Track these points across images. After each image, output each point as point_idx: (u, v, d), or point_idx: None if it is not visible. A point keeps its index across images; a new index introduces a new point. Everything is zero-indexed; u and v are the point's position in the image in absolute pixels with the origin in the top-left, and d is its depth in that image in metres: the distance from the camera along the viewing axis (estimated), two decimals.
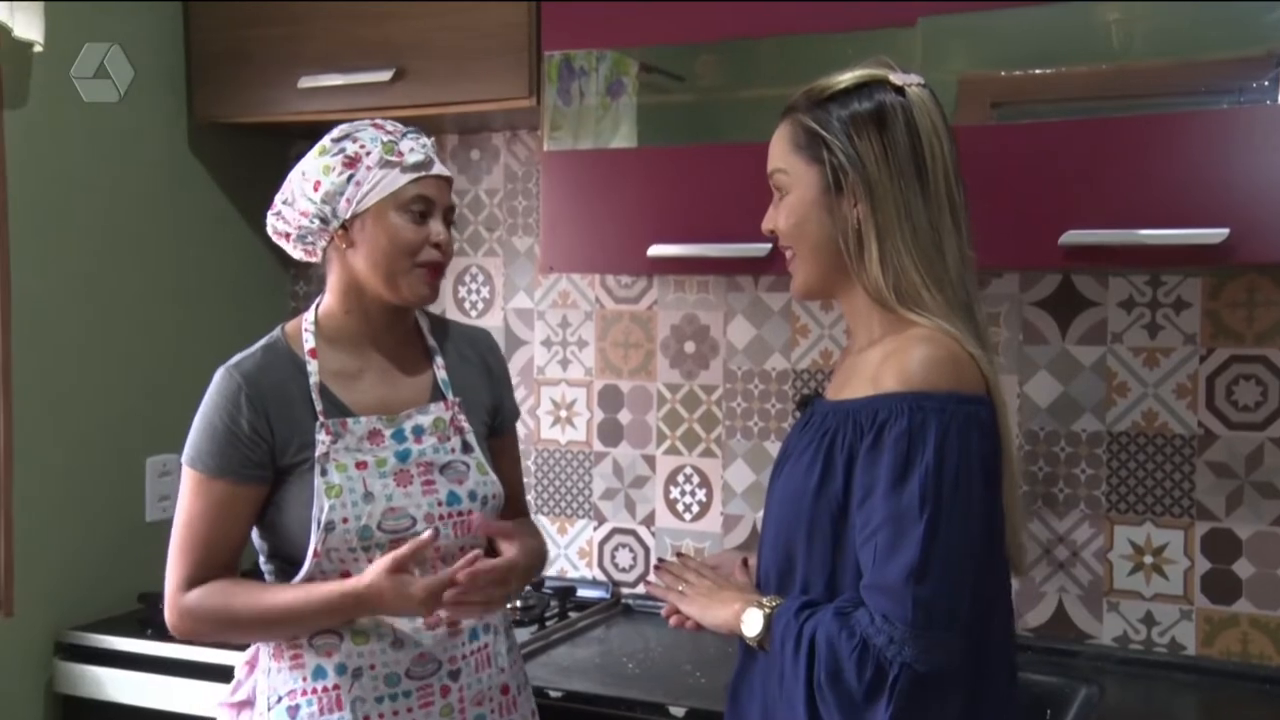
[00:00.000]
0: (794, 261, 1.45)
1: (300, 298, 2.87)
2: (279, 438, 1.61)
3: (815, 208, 1.40)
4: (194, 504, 1.61)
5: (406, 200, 1.62)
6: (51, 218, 2.32)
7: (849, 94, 1.39)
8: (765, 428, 2.42)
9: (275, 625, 1.60)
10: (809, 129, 1.40)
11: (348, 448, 1.61)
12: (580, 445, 2.57)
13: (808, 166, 1.40)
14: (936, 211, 1.37)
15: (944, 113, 1.42)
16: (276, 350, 1.66)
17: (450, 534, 1.64)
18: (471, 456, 1.68)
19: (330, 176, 1.61)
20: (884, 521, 1.29)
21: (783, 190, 1.44)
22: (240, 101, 2.50)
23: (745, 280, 2.43)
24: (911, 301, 1.36)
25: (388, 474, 1.62)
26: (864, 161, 1.37)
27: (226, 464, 1.60)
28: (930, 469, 1.27)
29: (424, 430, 1.66)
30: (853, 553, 1.34)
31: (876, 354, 1.38)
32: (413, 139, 1.65)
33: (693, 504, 2.48)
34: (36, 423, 2.29)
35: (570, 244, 2.19)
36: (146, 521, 2.51)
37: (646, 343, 2.52)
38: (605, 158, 2.15)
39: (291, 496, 1.61)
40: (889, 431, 1.30)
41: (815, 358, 2.38)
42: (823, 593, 1.37)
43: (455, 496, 1.65)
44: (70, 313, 2.37)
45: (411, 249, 1.62)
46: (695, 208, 2.08)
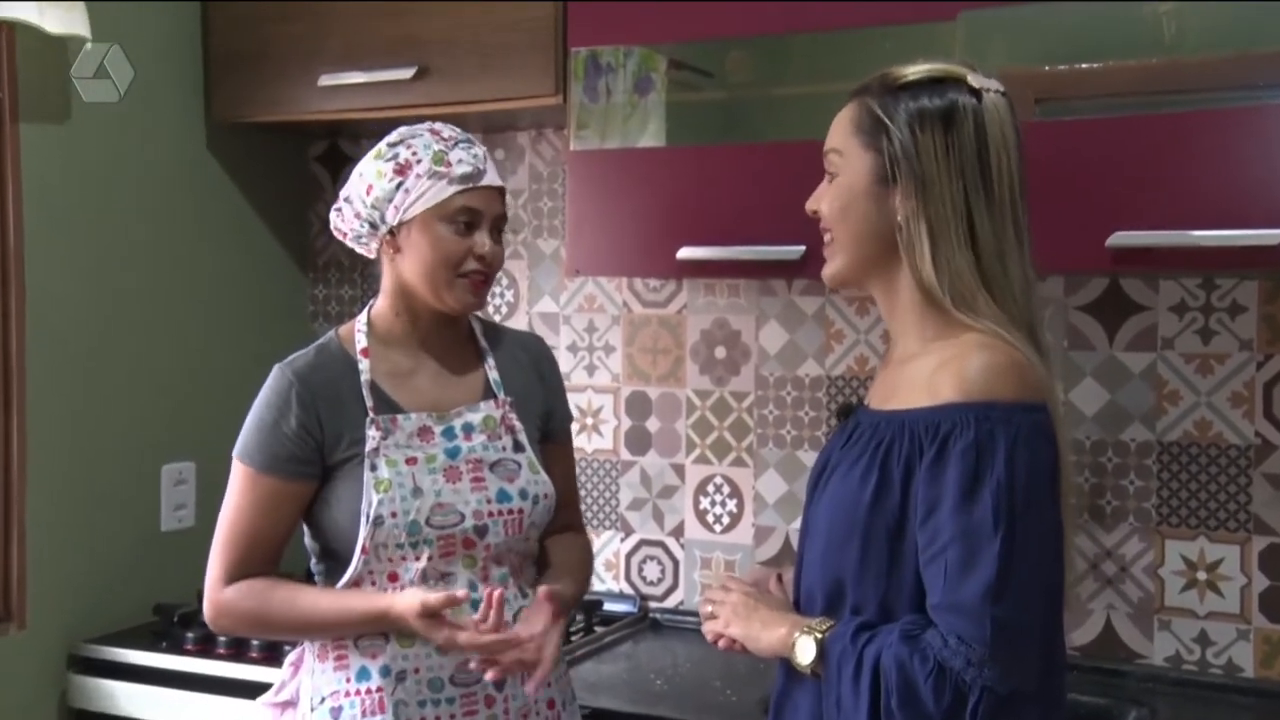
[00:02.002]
0: (830, 246, 1.44)
1: (320, 301, 2.88)
2: (328, 435, 1.65)
3: (863, 196, 1.39)
4: (241, 498, 1.66)
5: (452, 212, 1.65)
6: (66, 220, 2.33)
7: (923, 86, 1.38)
8: (798, 436, 2.41)
9: (310, 630, 1.65)
10: (873, 114, 1.38)
11: (397, 444, 1.65)
12: (607, 454, 2.57)
13: (863, 152, 1.39)
14: (1000, 224, 1.36)
15: (1018, 127, 1.39)
16: (329, 350, 1.71)
17: (501, 531, 1.67)
18: (523, 455, 1.71)
19: (381, 182, 1.66)
20: (954, 538, 1.27)
21: (834, 171, 1.42)
22: (259, 100, 2.51)
23: (778, 284, 2.41)
24: (964, 304, 1.35)
25: (437, 470, 1.65)
26: (921, 157, 1.35)
27: (274, 460, 1.64)
28: (1002, 483, 1.26)
29: (474, 428, 1.69)
30: (910, 571, 1.32)
31: (929, 361, 1.36)
32: (464, 148, 1.67)
33: (723, 515, 2.47)
34: (49, 429, 2.30)
35: (597, 246, 2.19)
36: (162, 531, 2.51)
37: (675, 348, 2.51)
38: (633, 157, 2.14)
39: (341, 492, 1.65)
40: (954, 444, 1.28)
41: (850, 364, 2.37)
42: (876, 614, 1.35)
43: (505, 494, 1.67)
44: (84, 316, 2.37)
45: (454, 260, 1.65)
46: (726, 209, 2.07)
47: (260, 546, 1.66)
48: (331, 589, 1.65)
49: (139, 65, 2.43)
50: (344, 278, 2.85)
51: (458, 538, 1.64)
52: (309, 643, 1.69)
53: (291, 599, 1.63)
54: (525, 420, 1.74)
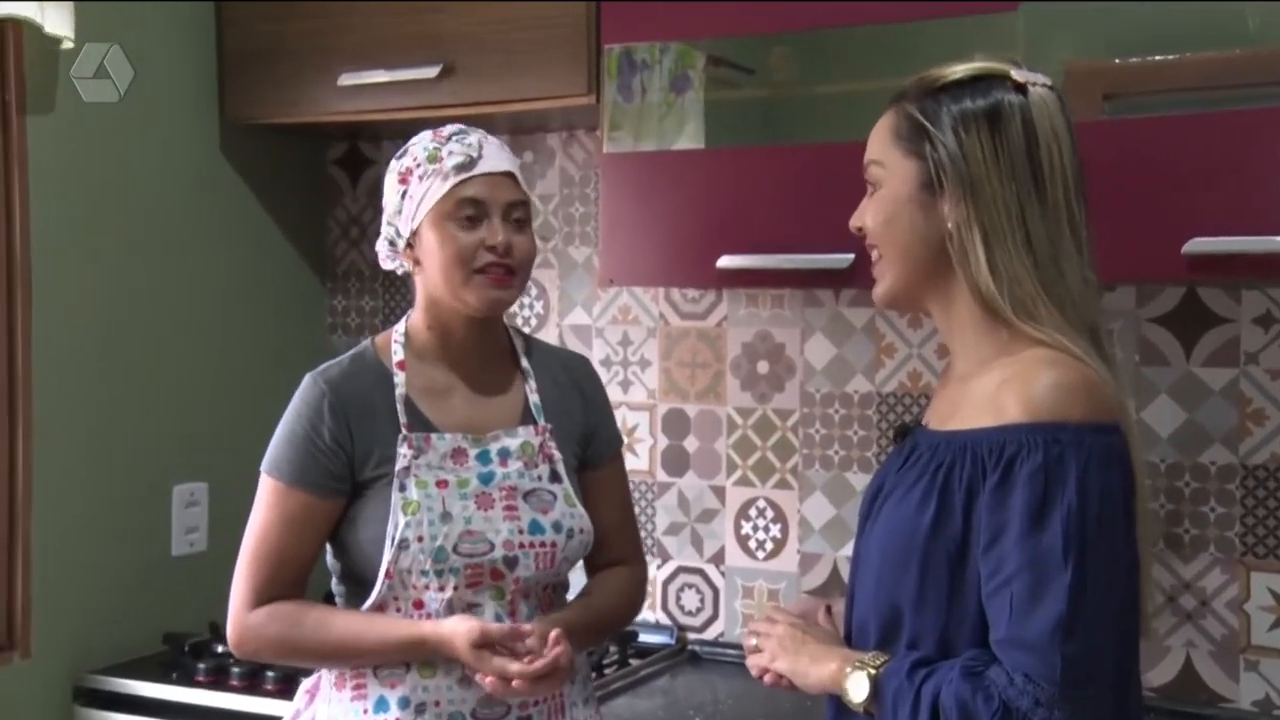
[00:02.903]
0: (879, 264, 1.43)
1: (339, 313, 2.88)
2: (359, 449, 1.66)
3: (908, 205, 1.38)
4: (268, 514, 1.67)
5: (453, 206, 1.65)
6: (73, 227, 2.34)
7: (963, 86, 1.37)
8: (847, 457, 2.39)
9: (341, 656, 1.65)
10: (913, 119, 1.38)
11: (429, 464, 1.65)
12: (642, 475, 2.55)
13: (905, 159, 1.39)
14: (1055, 225, 1.35)
15: (1069, 120, 1.39)
16: (364, 360, 1.72)
17: (531, 564, 1.66)
18: (559, 486, 1.71)
19: (392, 196, 1.69)
20: (1020, 568, 1.26)
21: (876, 184, 1.42)
22: (275, 101, 2.51)
23: (825, 294, 2.40)
24: (1026, 313, 1.34)
25: (468, 495, 1.65)
26: (969, 160, 1.34)
27: (304, 473, 1.65)
28: (1073, 509, 1.25)
29: (510, 454, 1.70)
30: (972, 603, 1.31)
31: (991, 378, 1.35)
32: (458, 140, 1.68)
33: (766, 540, 2.45)
34: (56, 447, 2.30)
35: (632, 254, 2.18)
36: (173, 556, 2.51)
37: (715, 363, 2.50)
38: (670, 160, 2.14)
39: (368, 512, 1.65)
40: (1020, 467, 1.27)
41: (903, 379, 2.35)
42: (934, 648, 1.33)
43: (538, 525, 1.67)
44: (92, 328, 2.37)
45: (463, 256, 1.65)
46: (769, 215, 2.06)
47: (288, 566, 1.66)
48: (365, 614, 1.65)
49: (149, 64, 2.45)
50: (364, 288, 2.86)
51: (485, 568, 1.64)
52: (327, 670, 1.69)
53: (324, 622, 1.64)
54: (564, 448, 1.74)
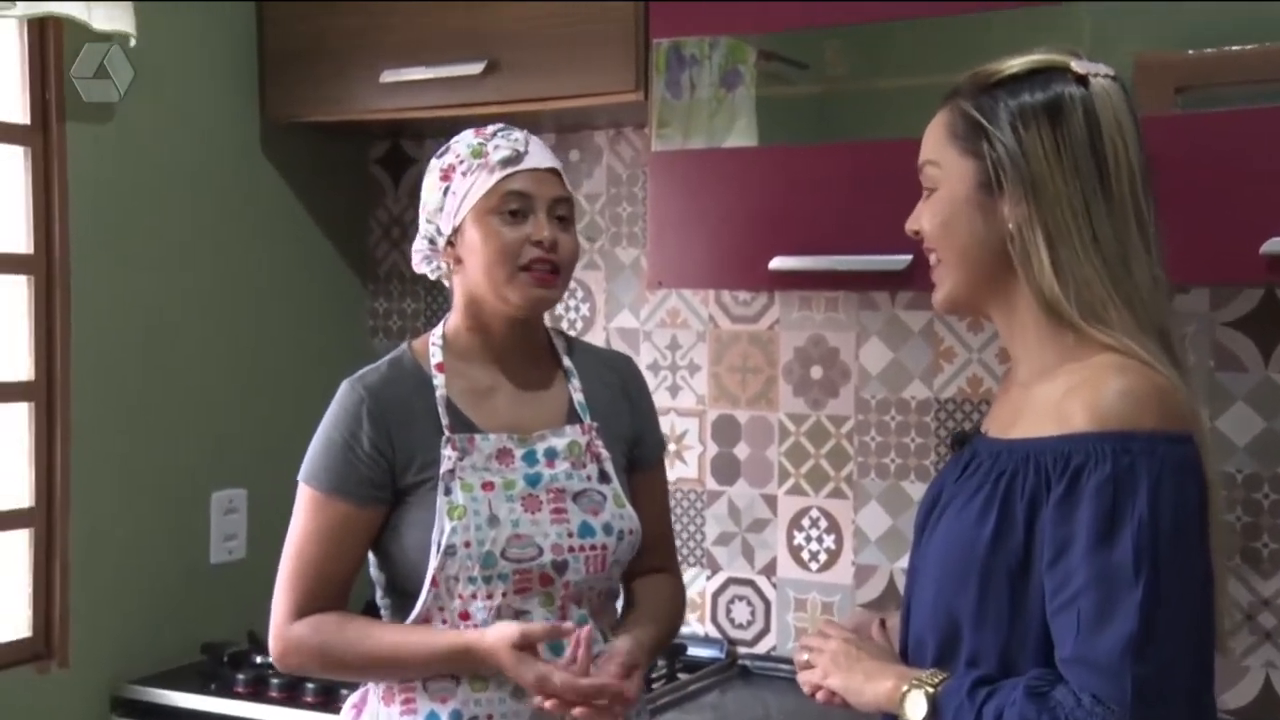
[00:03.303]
0: (938, 269, 1.42)
1: (380, 315, 2.89)
2: (400, 455, 1.66)
3: (966, 207, 1.37)
4: (308, 524, 1.67)
5: (498, 200, 1.66)
6: (112, 228, 2.35)
7: (1021, 81, 1.36)
8: (904, 465, 2.37)
9: (385, 669, 1.65)
10: (969, 117, 1.37)
11: (475, 466, 1.66)
12: (691, 483, 2.55)
13: (962, 159, 1.37)
14: (1121, 223, 1.33)
15: (1134, 112, 1.37)
16: (402, 365, 1.73)
17: (581, 568, 1.66)
18: (609, 487, 1.71)
19: (433, 194, 1.71)
20: (1088, 585, 1.24)
21: (932, 185, 1.41)
22: (317, 99, 2.52)
23: (881, 297, 2.39)
24: (1095, 317, 1.32)
25: (515, 498, 1.65)
26: (1029, 158, 1.33)
27: (343, 482, 1.65)
28: (1144, 523, 1.24)
29: (557, 454, 1.70)
30: (1035, 619, 1.29)
31: (1057, 385, 1.33)
32: (503, 135, 1.70)
33: (820, 551, 2.44)
34: (93, 453, 2.31)
35: (681, 255, 2.18)
36: (211, 563, 2.52)
37: (767, 367, 2.49)
38: (720, 158, 2.13)
39: (411, 519, 1.66)
40: (1088, 479, 1.26)
41: (962, 385, 2.33)
42: (996, 666, 1.32)
43: (589, 528, 1.67)
44: (129, 331, 2.38)
45: (508, 252, 1.65)
46: (823, 214, 2.06)
47: (329, 578, 1.67)
48: (408, 625, 1.65)
49: (189, 63, 2.47)
50: (406, 290, 2.86)
51: (534, 573, 1.64)
52: (374, 684, 1.69)
53: (367, 634, 1.64)
54: (611, 448, 1.74)
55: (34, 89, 2.25)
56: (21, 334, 2.26)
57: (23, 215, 2.26)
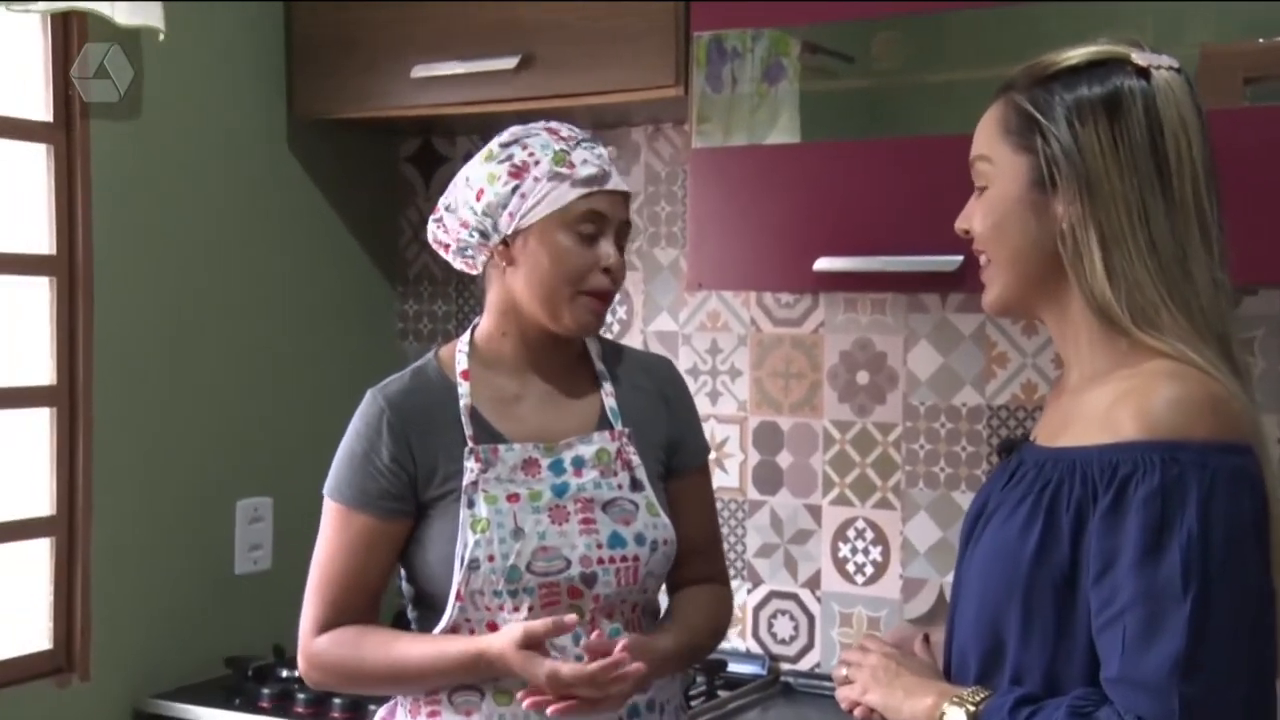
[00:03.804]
0: (988, 269, 1.42)
1: (410, 318, 2.90)
2: (422, 468, 1.67)
3: (1019, 206, 1.36)
4: (332, 539, 1.69)
5: (575, 218, 1.66)
6: (135, 227, 2.37)
7: (1078, 73, 1.34)
8: (954, 475, 2.36)
9: (406, 680, 1.66)
10: (1023, 111, 1.36)
11: (499, 478, 1.66)
12: (732, 493, 2.54)
13: (1015, 155, 1.36)
14: (1182, 224, 1.32)
15: (1199, 107, 1.35)
16: (426, 374, 1.73)
17: (612, 581, 1.66)
18: (641, 495, 1.70)
19: (495, 186, 1.66)
20: (1134, 600, 1.23)
21: (983, 182, 1.40)
22: (346, 95, 2.54)
23: (930, 299, 2.38)
24: (1147, 322, 1.31)
25: (541, 509, 1.66)
26: (1084, 154, 1.32)
27: (366, 496, 1.67)
28: (1193, 536, 1.22)
29: (585, 462, 1.70)
30: (1081, 636, 1.29)
31: (1107, 391, 1.32)
32: (588, 148, 1.69)
33: (866, 564, 2.44)
34: (116, 460, 2.33)
35: (722, 256, 2.18)
36: (236, 574, 2.54)
37: (811, 372, 2.49)
38: (762, 155, 2.13)
39: (435, 532, 1.67)
40: (1135, 489, 1.25)
41: (1015, 391, 2.32)
42: (1040, 684, 1.31)
43: (619, 538, 1.67)
44: (152, 335, 2.40)
45: (576, 274, 1.66)
46: (870, 213, 2.05)
47: (355, 591, 1.68)
48: (426, 635, 1.67)
49: (215, 58, 2.48)
50: (437, 292, 2.88)
51: (562, 586, 1.64)
52: (401, 698, 1.71)
53: (384, 645, 1.65)
54: (645, 454, 1.74)
55: (57, 86, 2.27)
56: (43, 337, 2.28)
57: (45, 215, 2.27)
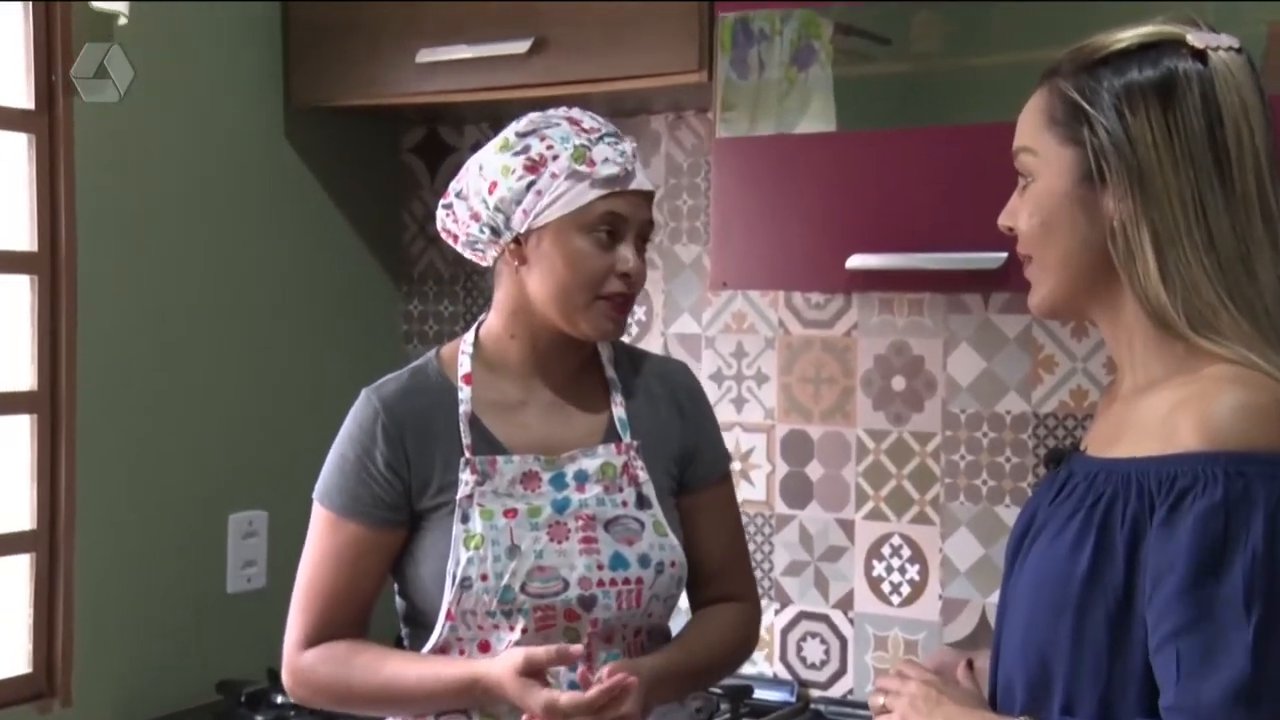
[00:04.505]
0: (1032, 268, 1.41)
1: (414, 319, 2.91)
2: (416, 476, 1.68)
3: (1066, 203, 1.35)
4: (320, 547, 1.70)
5: (593, 219, 1.65)
6: (123, 222, 2.37)
7: (1129, 57, 1.32)
8: (997, 488, 2.36)
9: (397, 702, 1.67)
10: (1068, 99, 1.34)
11: (496, 491, 1.66)
12: (758, 506, 2.54)
13: (1061, 148, 1.35)
14: (1244, 219, 1.30)
15: (1263, 91, 1.33)
16: (425, 374, 1.74)
17: (612, 604, 1.66)
18: (648, 513, 1.70)
19: (509, 180, 1.66)
20: (1192, 622, 1.22)
21: (1028, 175, 1.39)
22: (346, 81, 2.54)
23: (972, 299, 2.38)
24: (1206, 326, 1.30)
25: (540, 526, 1.66)
26: (1135, 145, 1.30)
27: (357, 503, 1.68)
28: (1258, 555, 1.21)
29: (588, 477, 1.70)
30: (1138, 661, 1.27)
31: (1164, 398, 1.31)
32: (610, 144, 1.67)
33: (902, 584, 2.43)
34: (100, 470, 2.33)
35: (748, 253, 2.18)
36: (228, 593, 2.55)
37: (843, 378, 2.49)
38: (792, 145, 2.12)
39: (428, 546, 1.67)
40: (1193, 503, 1.24)
41: (1064, 398, 2.31)
42: (1094, 714, 1.30)
43: (621, 559, 1.67)
44: (141, 337, 2.40)
45: (593, 279, 1.66)
46: (907, 207, 2.05)
47: (344, 604, 1.69)
48: (419, 655, 1.68)
49: (207, 42, 2.49)
50: (443, 291, 2.88)
51: (558, 608, 1.64)
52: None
53: (375, 665, 1.66)
54: (654, 468, 1.74)
55: (39, 71, 2.27)
56: (24, 339, 2.28)
57: (26, 209, 2.27)
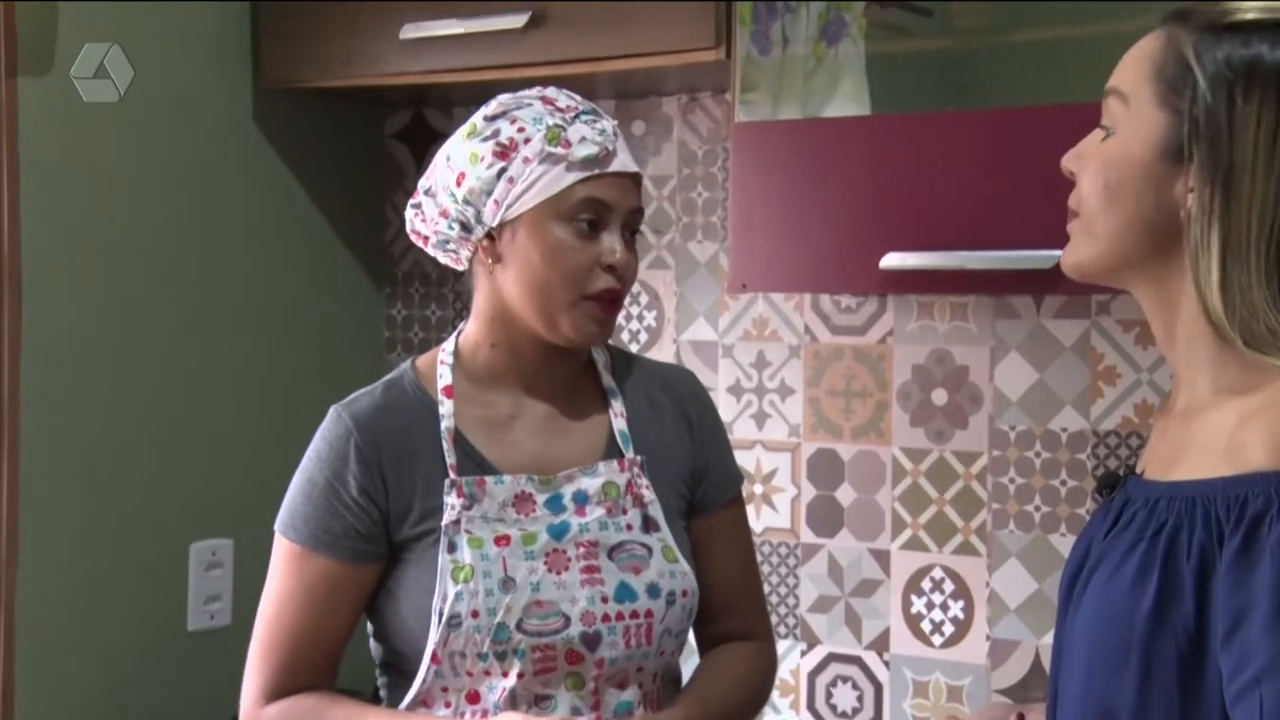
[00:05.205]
0: (1077, 224, 1.41)
1: (398, 325, 2.91)
2: (395, 502, 1.68)
3: (1140, 172, 1.35)
4: (284, 585, 1.69)
5: (572, 207, 1.66)
6: (72, 219, 2.36)
7: (1262, 32, 1.30)
8: (1052, 514, 2.35)
9: None
10: (1181, 57, 1.33)
11: (486, 516, 1.66)
12: (782, 535, 2.54)
13: (1155, 109, 1.34)
14: None
15: None
16: (402, 388, 1.74)
17: (619, 642, 1.66)
18: (655, 537, 1.71)
19: (477, 168, 1.67)
20: (1273, 665, 1.21)
21: (1110, 124, 1.38)
22: (322, 60, 2.54)
23: (1022, 302, 2.38)
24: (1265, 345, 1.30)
25: (536, 555, 1.66)
26: (1234, 135, 1.29)
27: (328, 535, 1.67)
28: None
29: (588, 498, 1.71)
30: (1214, 711, 1.27)
31: (1229, 412, 1.31)
32: (588, 122, 1.69)
33: (944, 622, 2.43)
34: (46, 496, 2.31)
35: (770, 251, 2.18)
36: (189, 631, 2.54)
37: (877, 390, 2.49)
38: (819, 130, 2.13)
39: (409, 581, 1.67)
40: (1270, 529, 1.23)
41: (1127, 414, 2.31)
42: None
43: (628, 590, 1.67)
44: (93, 345, 2.39)
45: (575, 274, 1.66)
46: (949, 200, 2.05)
47: (311, 650, 1.69)
48: (400, 712, 1.66)
49: (167, 16, 2.48)
50: (430, 293, 2.88)
51: (559, 649, 1.63)
52: None
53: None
54: (661, 487, 1.75)
55: None
56: None
57: None
